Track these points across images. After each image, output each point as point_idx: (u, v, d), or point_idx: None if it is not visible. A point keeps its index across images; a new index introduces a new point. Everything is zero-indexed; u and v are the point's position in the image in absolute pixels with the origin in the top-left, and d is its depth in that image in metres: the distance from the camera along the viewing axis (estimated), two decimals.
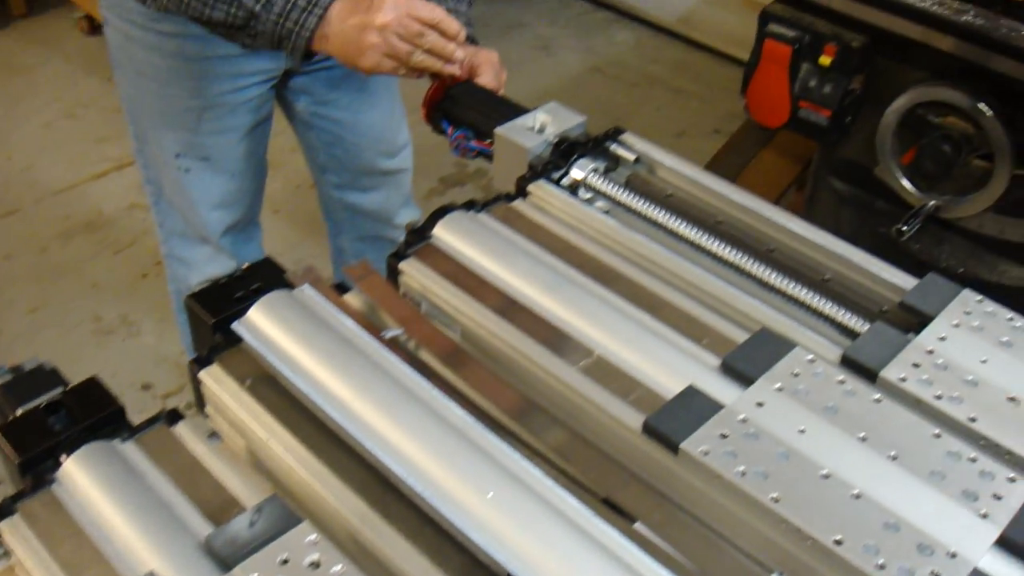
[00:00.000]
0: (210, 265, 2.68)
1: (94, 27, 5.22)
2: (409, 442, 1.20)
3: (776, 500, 1.15)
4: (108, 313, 3.87)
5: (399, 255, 1.52)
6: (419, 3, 1.92)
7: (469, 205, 1.62)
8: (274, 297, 1.38)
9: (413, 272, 1.50)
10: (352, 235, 2.95)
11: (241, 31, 1.97)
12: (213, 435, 1.37)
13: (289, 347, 1.32)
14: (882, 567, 1.09)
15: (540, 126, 1.74)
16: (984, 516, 1.15)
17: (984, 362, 1.35)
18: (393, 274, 1.52)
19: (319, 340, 1.32)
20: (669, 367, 1.32)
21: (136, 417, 1.30)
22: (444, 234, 1.55)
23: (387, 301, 1.45)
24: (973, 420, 1.27)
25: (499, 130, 1.73)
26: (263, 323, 1.35)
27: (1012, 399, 1.30)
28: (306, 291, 1.40)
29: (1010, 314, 1.44)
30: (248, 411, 1.31)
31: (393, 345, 1.36)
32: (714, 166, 3.56)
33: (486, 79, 2.00)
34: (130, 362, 3.65)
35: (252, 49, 2.01)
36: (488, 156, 1.78)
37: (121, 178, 4.43)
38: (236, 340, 1.37)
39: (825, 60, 2.50)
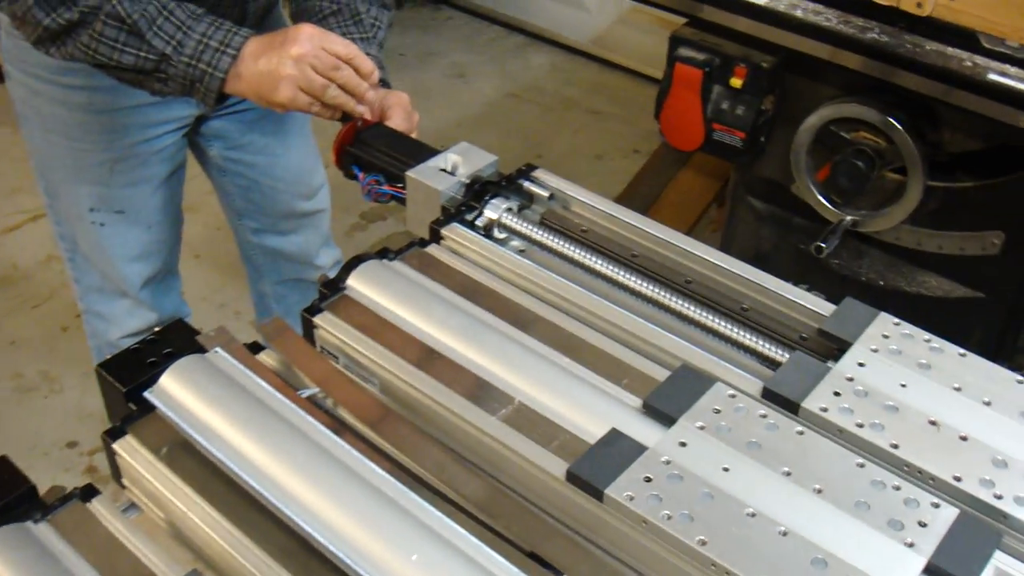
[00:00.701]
0: (130, 319, 2.63)
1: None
2: (330, 506, 1.17)
3: (703, 543, 1.14)
4: (28, 370, 3.79)
5: (313, 309, 1.49)
6: (334, 37, 1.90)
7: (383, 253, 1.60)
8: (186, 362, 1.34)
9: (329, 326, 1.47)
10: (273, 279, 2.91)
11: (151, 76, 1.93)
12: (131, 507, 1.34)
13: (203, 413, 1.29)
14: None
15: (452, 167, 1.73)
16: (910, 545, 1.15)
17: (904, 386, 1.35)
18: (309, 329, 1.50)
19: (233, 405, 1.29)
20: (590, 411, 1.31)
21: (62, 477, 1.27)
22: (358, 285, 1.52)
23: (302, 358, 1.43)
24: (895, 447, 1.27)
25: (410, 173, 1.71)
26: (175, 390, 1.32)
27: (933, 423, 1.30)
28: (218, 354, 1.37)
29: (927, 336, 1.44)
30: (165, 482, 1.27)
31: (310, 405, 1.33)
32: (634, 187, 3.58)
33: (397, 121, 1.98)
34: (53, 419, 3.57)
35: (162, 95, 1.97)
36: (401, 200, 1.76)
37: (36, 229, 4.35)
38: (150, 408, 1.33)
39: (736, 82, 2.51)
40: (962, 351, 1.42)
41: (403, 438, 1.31)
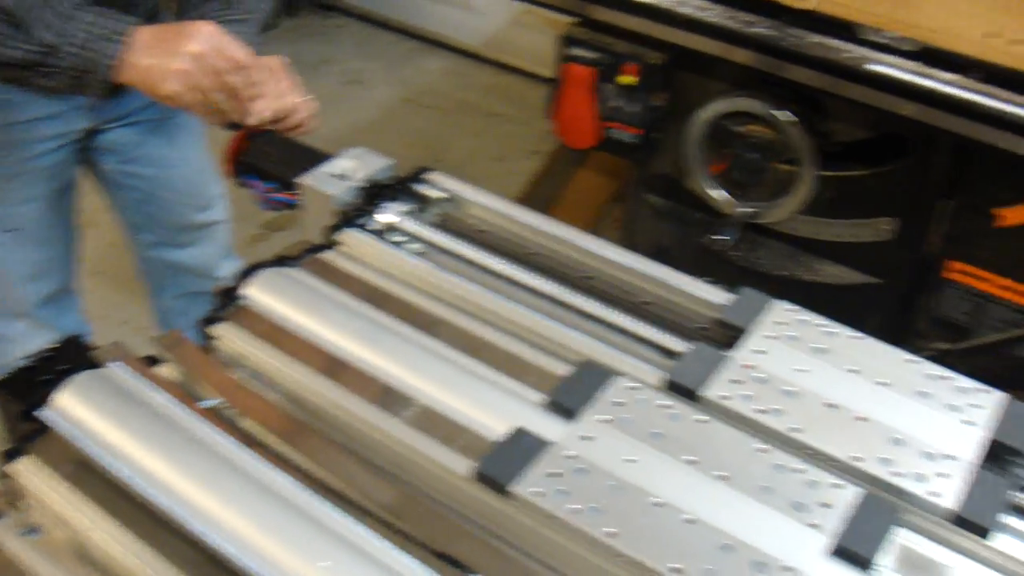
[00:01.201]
0: (30, 340, 2.56)
1: None
2: (236, 517, 1.16)
3: (612, 534, 1.14)
4: None
5: (211, 319, 1.48)
6: (231, 41, 1.87)
7: (279, 260, 1.58)
8: (82, 379, 1.32)
9: (227, 336, 1.46)
10: (174, 293, 2.87)
11: (37, 71, 1.87)
12: (33, 530, 1.31)
13: (101, 429, 1.26)
14: None
15: (346, 172, 1.71)
16: (814, 526, 1.17)
17: (801, 371, 1.38)
18: (207, 340, 1.48)
19: (132, 419, 1.27)
20: (494, 409, 1.31)
21: None
22: (255, 293, 1.51)
23: (202, 369, 1.41)
24: (795, 430, 1.29)
25: (304, 179, 1.70)
26: (72, 407, 1.29)
27: (831, 405, 1.33)
28: (115, 368, 1.35)
29: (822, 320, 1.47)
30: (67, 500, 1.25)
31: (212, 415, 1.31)
32: (534, 188, 3.59)
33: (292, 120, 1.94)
34: None
35: (48, 92, 1.91)
36: (296, 207, 1.74)
37: None
38: (48, 426, 1.31)
39: (627, 80, 2.53)
40: (857, 334, 1.45)
41: (309, 445, 1.30)
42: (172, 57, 1.82)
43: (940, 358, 1.46)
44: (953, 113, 2.17)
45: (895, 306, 2.69)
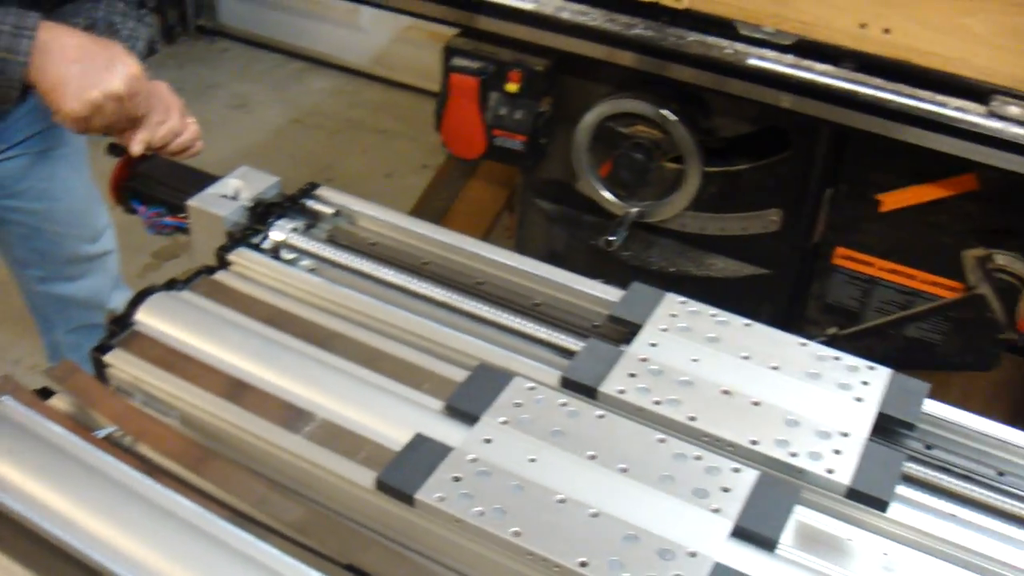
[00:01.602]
0: None
1: None
2: (138, 545, 1.14)
3: (518, 534, 1.15)
4: None
5: (103, 347, 1.45)
6: (160, 90, 1.83)
7: (170, 284, 1.56)
8: None
9: (121, 363, 1.43)
10: (65, 327, 2.81)
11: None
12: None
13: None
14: None
15: (234, 192, 1.70)
16: (716, 511, 1.19)
17: (695, 361, 1.40)
18: (100, 368, 1.46)
19: (24, 453, 1.24)
20: (394, 419, 1.31)
21: None
22: (148, 319, 1.49)
23: (96, 398, 1.38)
24: (693, 419, 1.31)
25: (192, 202, 1.68)
26: None
27: (726, 392, 1.35)
28: (5, 402, 1.32)
29: (712, 310, 1.50)
30: None
31: (108, 444, 1.29)
32: (424, 202, 3.58)
33: (175, 117, 1.90)
34: None
35: None
36: (185, 230, 1.73)
37: None
38: None
39: (512, 87, 2.55)
40: (747, 321, 1.48)
41: (209, 467, 1.29)
42: (92, 86, 1.73)
43: (831, 343, 1.50)
44: (830, 103, 2.22)
45: (786, 295, 2.74)
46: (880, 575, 1.19)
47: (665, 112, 2.46)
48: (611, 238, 2.56)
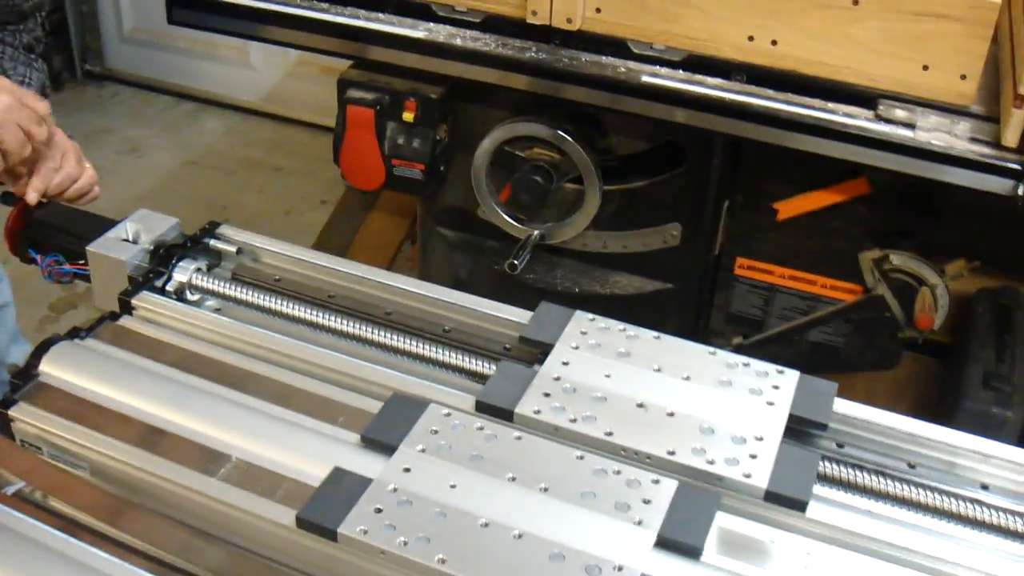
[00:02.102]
0: None
1: None
2: None
3: (443, 561, 1.15)
4: None
5: (6, 402, 1.42)
6: (55, 136, 1.78)
7: (73, 333, 1.53)
8: None
9: (26, 416, 1.40)
10: None
11: None
12: None
13: None
14: None
15: (133, 236, 1.68)
16: (639, 523, 1.20)
17: (608, 376, 1.41)
18: (5, 423, 1.42)
19: None
20: (310, 454, 1.30)
21: None
22: (52, 369, 1.46)
23: (1, 454, 1.35)
24: (610, 434, 1.32)
25: (91, 248, 1.65)
26: None
27: (640, 405, 1.36)
28: None
29: (621, 326, 1.51)
30: None
31: (17, 500, 1.26)
32: (325, 237, 3.56)
33: (71, 165, 1.85)
34: None
35: None
36: (86, 277, 1.69)
37: None
38: None
39: (408, 116, 2.54)
40: (656, 334, 1.49)
41: (123, 517, 1.26)
42: None
43: (737, 352, 1.51)
44: (723, 115, 2.26)
45: (690, 308, 2.77)
46: (804, 575, 1.21)
47: (562, 133, 2.48)
48: (514, 262, 2.56)
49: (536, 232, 2.62)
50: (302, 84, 5.24)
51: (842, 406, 1.40)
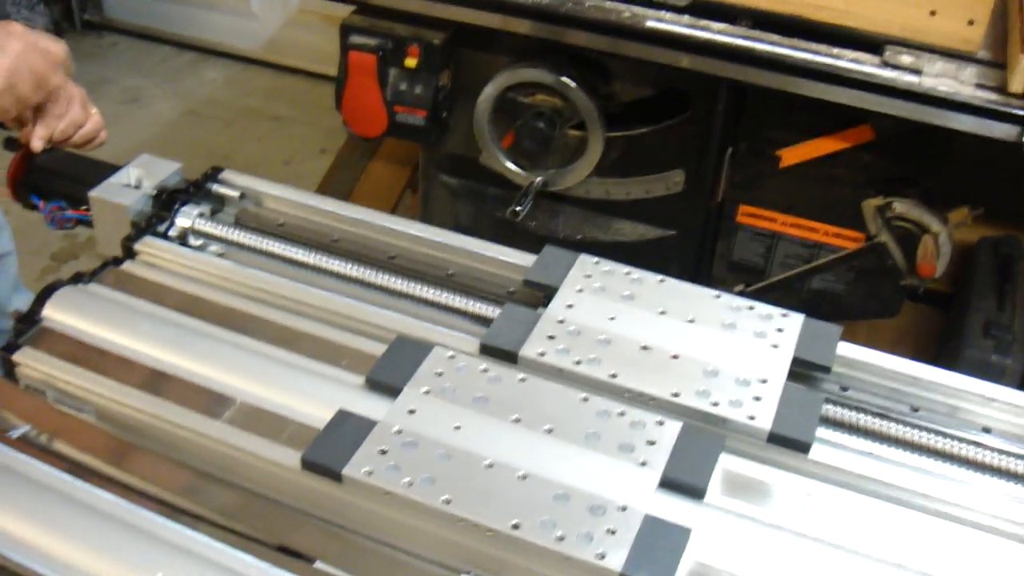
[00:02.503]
0: None
1: None
2: (63, 544, 1.12)
3: (448, 501, 1.15)
4: None
5: (10, 347, 1.42)
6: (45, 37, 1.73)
7: (76, 278, 1.53)
8: None
9: (30, 361, 1.40)
10: None
11: None
12: None
13: None
14: (562, 539, 1.11)
15: (136, 181, 1.67)
16: (643, 464, 1.20)
17: (612, 319, 1.41)
18: (9, 368, 1.42)
19: None
20: (315, 397, 1.30)
21: None
22: (56, 314, 1.45)
23: (6, 398, 1.35)
24: (614, 376, 1.32)
25: (94, 193, 1.65)
26: None
27: (644, 348, 1.36)
28: None
29: (626, 269, 1.51)
30: None
31: (22, 444, 1.26)
32: (326, 186, 3.55)
33: (76, 111, 1.82)
34: None
35: None
36: (88, 223, 1.69)
37: None
38: None
39: (411, 62, 2.53)
40: (661, 277, 1.49)
41: (129, 459, 1.27)
42: None
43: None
44: (727, 60, 2.25)
45: (692, 255, 2.77)
46: (805, 515, 1.21)
47: (565, 79, 2.46)
48: (517, 208, 2.56)
49: (539, 179, 2.61)
50: (302, 33, 5.21)
51: (846, 349, 1.40)
